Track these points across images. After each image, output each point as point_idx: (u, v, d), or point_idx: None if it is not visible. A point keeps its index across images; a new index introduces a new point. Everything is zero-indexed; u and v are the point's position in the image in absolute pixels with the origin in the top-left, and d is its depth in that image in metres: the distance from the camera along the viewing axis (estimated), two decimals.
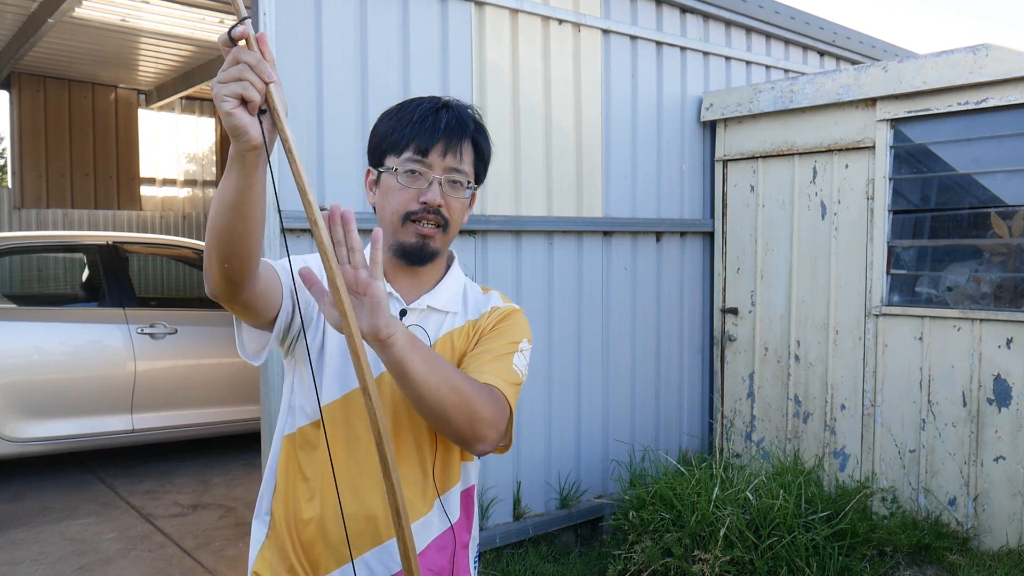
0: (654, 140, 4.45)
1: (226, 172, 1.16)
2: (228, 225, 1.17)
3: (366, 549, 1.43)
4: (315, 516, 1.44)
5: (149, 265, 8.37)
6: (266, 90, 1.09)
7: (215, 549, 4.00)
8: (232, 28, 1.08)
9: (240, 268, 1.22)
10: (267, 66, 1.09)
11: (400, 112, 1.47)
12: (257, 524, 1.55)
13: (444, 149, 1.42)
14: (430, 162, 1.42)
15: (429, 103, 1.46)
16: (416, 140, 1.42)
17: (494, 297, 1.58)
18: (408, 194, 1.43)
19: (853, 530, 3.50)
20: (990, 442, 3.67)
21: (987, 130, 3.69)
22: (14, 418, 4.57)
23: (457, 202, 1.45)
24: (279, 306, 1.37)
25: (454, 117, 1.44)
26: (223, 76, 1.08)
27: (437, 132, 1.42)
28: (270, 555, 1.50)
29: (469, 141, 1.46)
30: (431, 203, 1.41)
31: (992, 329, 3.65)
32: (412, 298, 1.49)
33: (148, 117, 9.83)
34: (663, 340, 4.56)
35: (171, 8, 6.18)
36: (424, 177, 1.42)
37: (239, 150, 1.12)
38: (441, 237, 1.45)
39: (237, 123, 1.08)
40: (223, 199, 1.16)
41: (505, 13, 3.80)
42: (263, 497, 1.54)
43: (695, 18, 4.63)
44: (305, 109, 3.20)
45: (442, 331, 1.49)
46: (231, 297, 1.27)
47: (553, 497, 4.07)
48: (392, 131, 1.46)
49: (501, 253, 3.83)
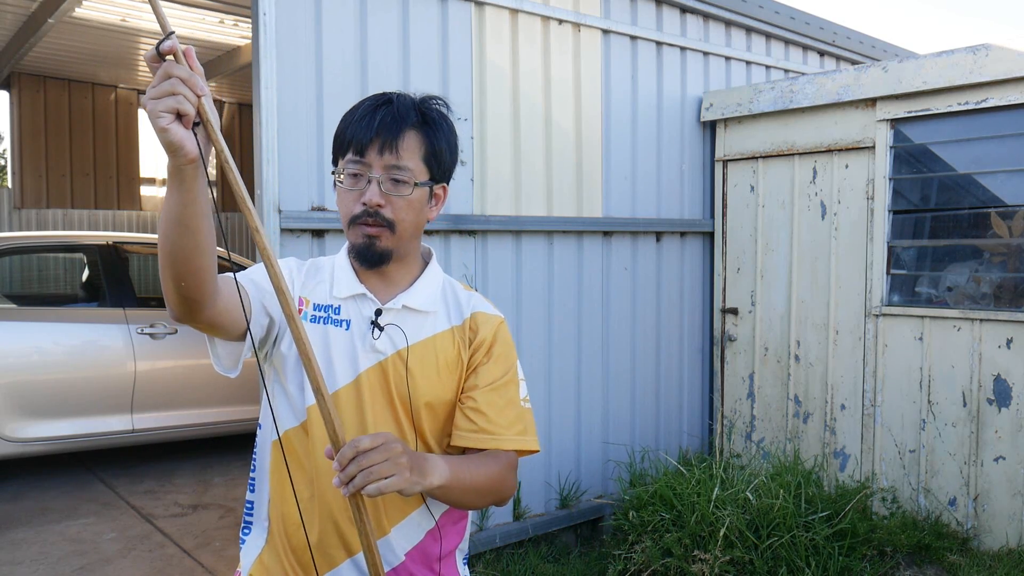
0: (654, 140, 4.45)
1: (167, 191, 1.15)
2: (178, 243, 1.17)
3: (359, 549, 1.44)
4: (305, 519, 1.43)
5: (149, 265, 8.34)
6: (199, 103, 1.10)
7: (215, 549, 4.00)
8: (159, 43, 1.08)
9: (196, 286, 1.21)
10: (199, 79, 1.10)
11: (349, 112, 1.44)
12: (257, 531, 1.53)
13: (380, 146, 1.38)
14: (368, 161, 1.39)
15: (372, 100, 1.43)
16: (354, 140, 1.39)
17: (477, 300, 1.54)
18: (351, 196, 1.41)
19: (853, 530, 3.50)
20: (990, 442, 3.67)
21: (987, 130, 3.69)
22: (14, 418, 4.57)
23: (401, 200, 1.40)
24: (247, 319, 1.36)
25: (391, 112, 1.39)
26: (156, 92, 1.07)
27: (371, 130, 1.38)
28: (268, 560, 1.50)
29: (411, 135, 1.40)
30: (369, 203, 1.38)
31: (992, 329, 3.64)
32: (387, 297, 1.47)
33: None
34: (663, 340, 4.56)
35: (171, 8, 6.18)
36: (364, 177, 1.40)
37: (176, 165, 1.11)
38: (390, 236, 1.41)
39: (173, 138, 1.08)
40: (168, 217, 1.16)
41: (505, 13, 3.80)
42: (261, 504, 1.53)
43: (695, 18, 4.63)
44: (305, 109, 3.20)
45: (422, 334, 1.46)
46: (193, 317, 1.26)
47: (553, 497, 4.07)
48: (340, 131, 1.44)
49: (501, 253, 3.83)
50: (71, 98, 9.05)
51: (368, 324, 1.44)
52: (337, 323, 1.45)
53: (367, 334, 1.44)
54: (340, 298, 1.46)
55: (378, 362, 1.43)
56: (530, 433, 1.47)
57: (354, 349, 1.43)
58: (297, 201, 3.19)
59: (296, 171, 3.18)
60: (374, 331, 1.43)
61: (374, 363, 1.43)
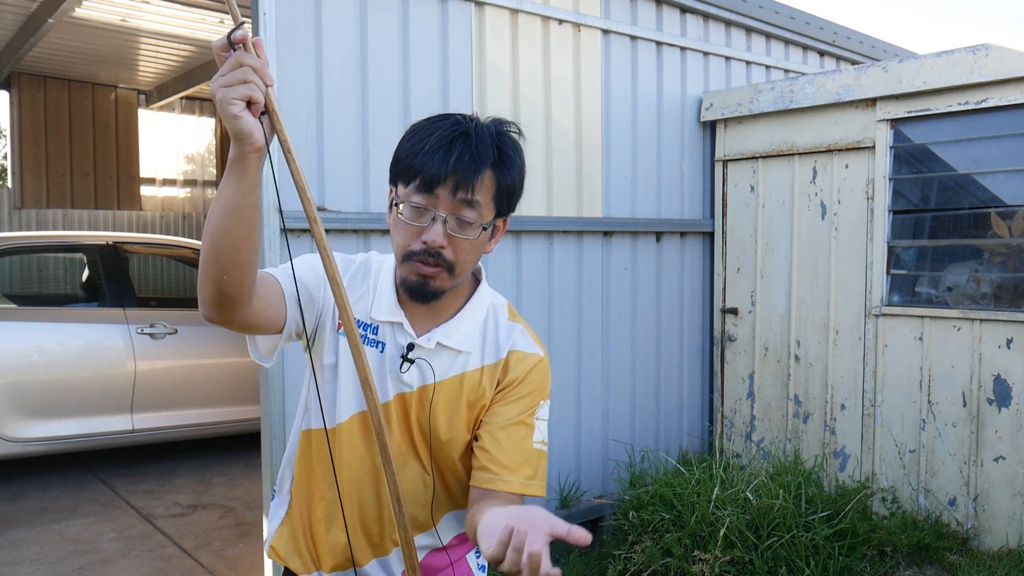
0: (654, 140, 4.45)
1: (226, 178, 1.15)
2: (229, 234, 1.15)
3: (365, 562, 1.48)
4: (324, 517, 1.47)
5: (149, 265, 8.37)
6: (267, 92, 1.11)
7: (215, 549, 4.00)
8: (231, 32, 1.09)
9: (239, 281, 1.18)
10: (267, 69, 1.11)
11: (417, 135, 1.33)
12: (278, 501, 1.56)
13: (454, 186, 1.28)
14: (436, 198, 1.29)
15: (448, 129, 1.31)
16: (424, 172, 1.28)
17: (518, 335, 1.45)
18: (411, 231, 1.32)
19: (853, 530, 3.50)
20: (990, 442, 3.67)
21: (987, 130, 3.69)
22: (14, 418, 4.57)
23: (465, 242, 1.32)
24: (284, 316, 1.34)
25: (470, 149, 1.29)
26: (227, 80, 1.08)
27: (447, 167, 1.27)
28: (287, 534, 1.53)
29: (487, 175, 1.31)
30: (431, 244, 1.30)
31: (992, 329, 3.64)
32: (424, 328, 1.42)
33: (148, 117, 9.83)
34: (663, 340, 4.56)
35: (171, 8, 6.18)
36: (429, 214, 1.30)
37: (242, 153, 1.11)
38: (446, 277, 1.34)
39: (243, 126, 1.09)
40: (225, 206, 1.14)
41: (505, 13, 3.80)
42: (284, 479, 1.55)
43: (695, 18, 4.63)
44: (305, 109, 3.19)
45: (451, 371, 1.41)
46: (228, 316, 1.22)
47: (553, 497, 4.07)
48: (405, 155, 1.33)
49: (501, 253, 3.83)
50: (71, 98, 9.05)
51: (399, 354, 1.41)
52: (373, 343, 1.42)
53: (396, 362, 1.41)
54: (378, 320, 1.42)
55: (402, 392, 1.41)
56: (539, 478, 1.39)
57: (384, 374, 1.41)
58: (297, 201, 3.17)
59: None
60: (403, 364, 1.40)
61: (398, 392, 1.42)
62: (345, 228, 3.29)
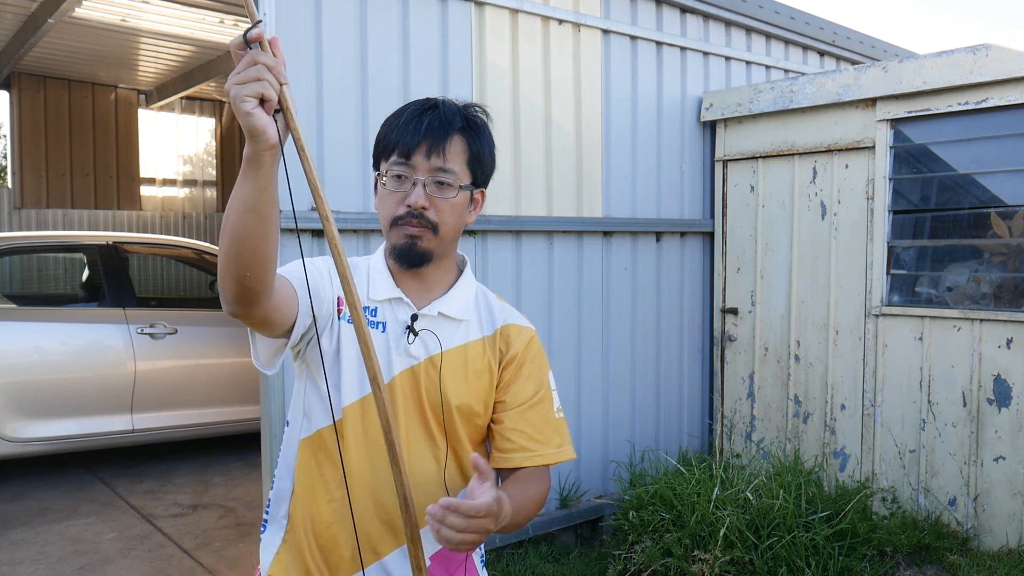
0: (654, 140, 4.45)
1: (241, 177, 1.16)
2: (248, 231, 1.17)
3: (387, 551, 1.45)
4: (336, 519, 1.45)
5: (149, 265, 8.36)
6: (281, 91, 1.12)
7: (215, 549, 4.00)
8: (247, 31, 1.10)
9: (261, 276, 1.21)
10: (282, 68, 1.12)
11: (394, 116, 1.46)
12: (273, 528, 1.53)
13: (428, 150, 1.40)
14: (414, 164, 1.41)
15: (418, 104, 1.45)
16: (400, 143, 1.41)
17: (508, 311, 1.56)
18: (395, 198, 1.43)
19: (853, 530, 3.50)
20: (990, 442, 3.67)
21: (987, 130, 3.69)
22: (14, 418, 4.57)
23: (445, 203, 1.42)
24: (296, 314, 1.36)
25: (438, 117, 1.41)
26: (241, 77, 1.09)
27: (419, 133, 1.40)
28: (287, 559, 1.50)
29: (457, 140, 1.42)
30: (414, 205, 1.40)
31: (992, 329, 3.64)
32: (423, 302, 1.49)
33: (148, 117, 9.83)
34: (663, 340, 4.56)
35: (171, 8, 6.18)
36: (409, 180, 1.41)
37: (256, 150, 1.13)
38: (432, 238, 1.43)
39: (256, 123, 1.10)
40: (242, 204, 1.16)
41: (505, 13, 3.80)
42: (280, 501, 1.52)
43: (695, 18, 4.63)
44: (305, 109, 3.20)
45: (455, 341, 1.48)
46: (250, 310, 1.26)
47: (553, 497, 4.07)
48: (383, 135, 1.46)
49: (501, 253, 3.83)
50: (71, 98, 9.05)
51: (403, 328, 1.46)
52: (373, 325, 1.46)
53: (402, 338, 1.45)
54: (377, 300, 1.48)
55: (411, 367, 1.45)
56: (566, 443, 1.52)
57: (388, 352, 1.45)
58: (296, 201, 3.18)
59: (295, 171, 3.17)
60: (409, 336, 1.45)
61: (407, 367, 1.45)
62: (345, 228, 3.29)
